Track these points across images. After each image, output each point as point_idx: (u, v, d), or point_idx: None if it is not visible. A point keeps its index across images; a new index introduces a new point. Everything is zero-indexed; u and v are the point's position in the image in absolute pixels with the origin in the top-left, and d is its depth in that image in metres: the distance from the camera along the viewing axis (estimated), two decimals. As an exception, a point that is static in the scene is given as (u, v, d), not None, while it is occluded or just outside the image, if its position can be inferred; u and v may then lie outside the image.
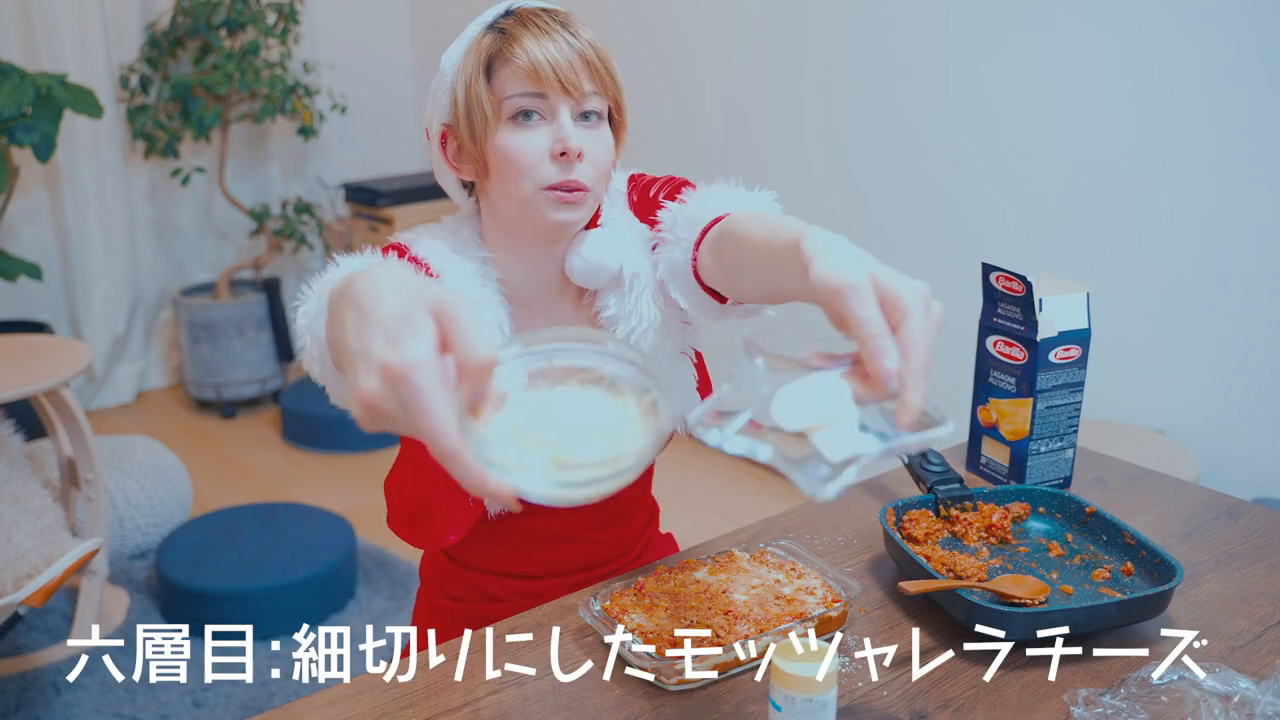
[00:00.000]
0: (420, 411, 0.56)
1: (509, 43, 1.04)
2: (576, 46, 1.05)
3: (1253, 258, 2.20)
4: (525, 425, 0.62)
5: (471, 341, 0.59)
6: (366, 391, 0.58)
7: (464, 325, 0.59)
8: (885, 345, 0.67)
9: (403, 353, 0.57)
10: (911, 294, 0.70)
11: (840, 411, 0.68)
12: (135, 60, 3.70)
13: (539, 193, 1.06)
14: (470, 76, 1.06)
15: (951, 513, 1.19)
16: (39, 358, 2.33)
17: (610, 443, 0.62)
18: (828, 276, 0.71)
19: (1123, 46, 2.32)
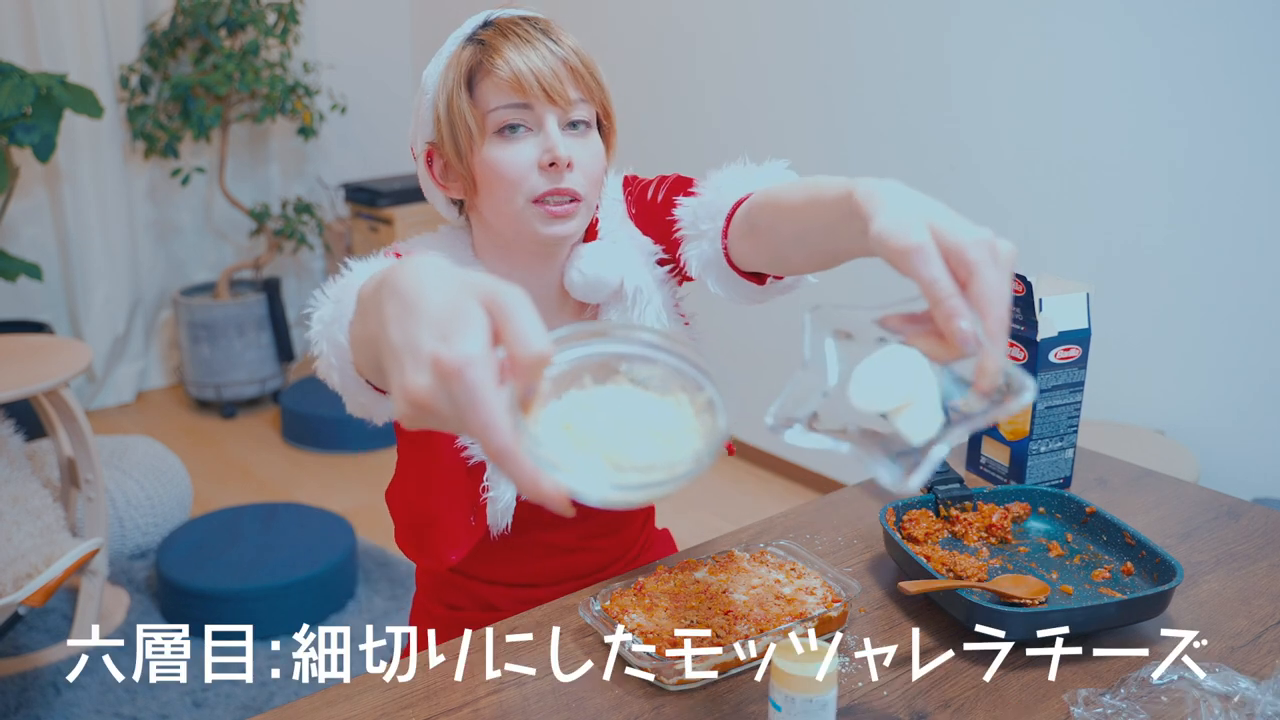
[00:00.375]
0: (475, 409, 0.53)
1: (489, 54, 1.02)
2: (559, 54, 1.03)
3: (1253, 258, 2.20)
4: (577, 423, 0.60)
5: (527, 335, 0.55)
6: (416, 388, 0.55)
7: (519, 318, 0.55)
8: (956, 306, 0.64)
9: (456, 348, 0.54)
10: (976, 246, 0.65)
11: (920, 388, 0.65)
12: (135, 60, 3.70)
13: (528, 206, 1.04)
14: (451, 91, 1.03)
15: (951, 513, 1.19)
16: (39, 358, 2.33)
17: (666, 445, 0.60)
18: (888, 236, 0.67)
19: (1123, 47, 2.32)
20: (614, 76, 1.10)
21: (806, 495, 3.13)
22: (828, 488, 3.07)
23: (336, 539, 2.58)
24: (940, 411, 0.65)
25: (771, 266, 0.99)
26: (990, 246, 0.66)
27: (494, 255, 1.11)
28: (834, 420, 0.68)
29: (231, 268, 3.88)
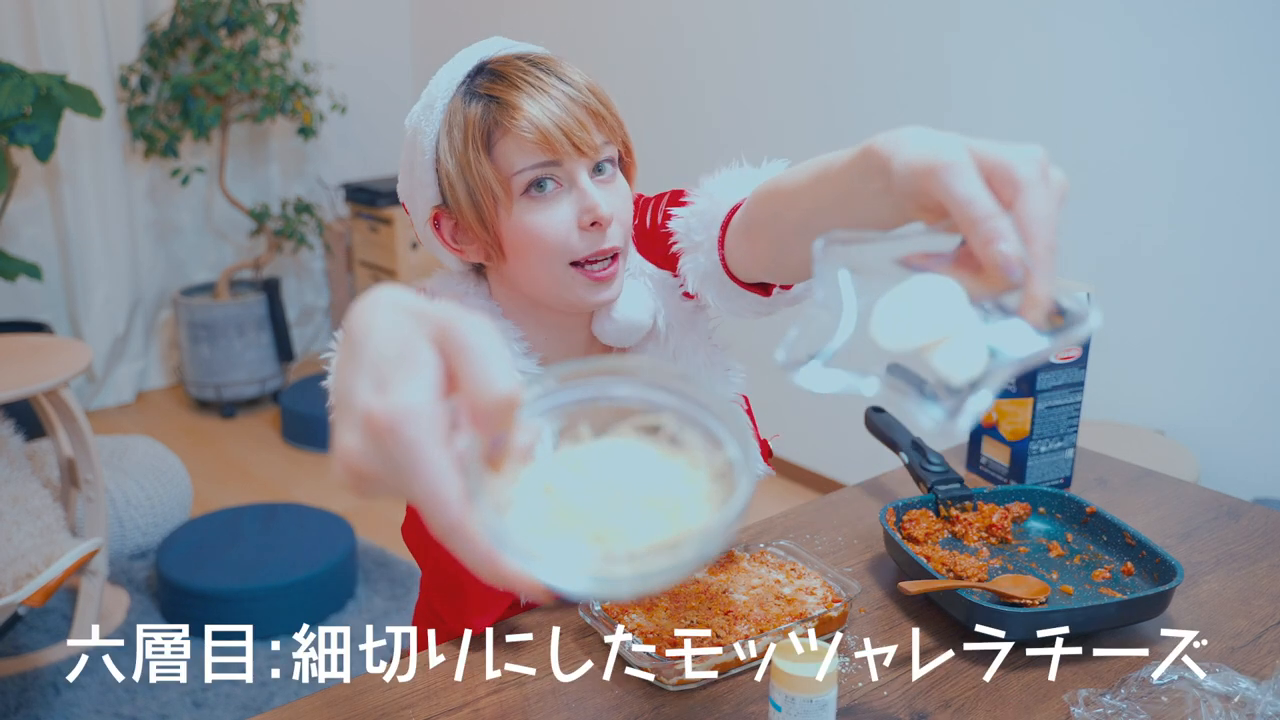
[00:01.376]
0: (413, 473, 0.44)
1: (505, 111, 0.93)
2: (579, 98, 0.95)
3: (1253, 258, 2.20)
4: (561, 485, 0.48)
5: (488, 374, 0.45)
6: (345, 449, 0.45)
7: (477, 354, 0.45)
8: (998, 226, 0.54)
9: (391, 398, 0.44)
10: (1025, 162, 0.57)
11: (957, 319, 0.54)
12: (135, 60, 3.70)
13: (568, 271, 0.97)
14: (465, 155, 0.94)
15: (951, 513, 1.19)
16: (39, 358, 2.33)
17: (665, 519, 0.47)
18: (916, 159, 0.57)
19: (1123, 47, 2.32)
20: (614, 77, 1.10)
21: (806, 495, 3.12)
22: (828, 488, 3.07)
23: (336, 539, 2.58)
24: (983, 346, 0.53)
25: (772, 270, 0.89)
26: (1041, 165, 0.57)
27: (516, 306, 1.04)
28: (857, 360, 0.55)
29: (231, 268, 3.88)
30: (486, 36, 1.04)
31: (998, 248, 0.54)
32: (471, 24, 3.97)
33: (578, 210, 0.96)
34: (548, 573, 0.45)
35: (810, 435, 3.15)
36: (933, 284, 0.55)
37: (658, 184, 1.17)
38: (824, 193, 0.74)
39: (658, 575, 0.45)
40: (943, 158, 0.56)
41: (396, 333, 0.46)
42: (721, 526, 0.46)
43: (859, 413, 1.42)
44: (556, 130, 0.92)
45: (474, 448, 0.46)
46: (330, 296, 4.37)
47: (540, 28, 3.63)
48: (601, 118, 0.97)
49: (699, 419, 0.50)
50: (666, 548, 0.45)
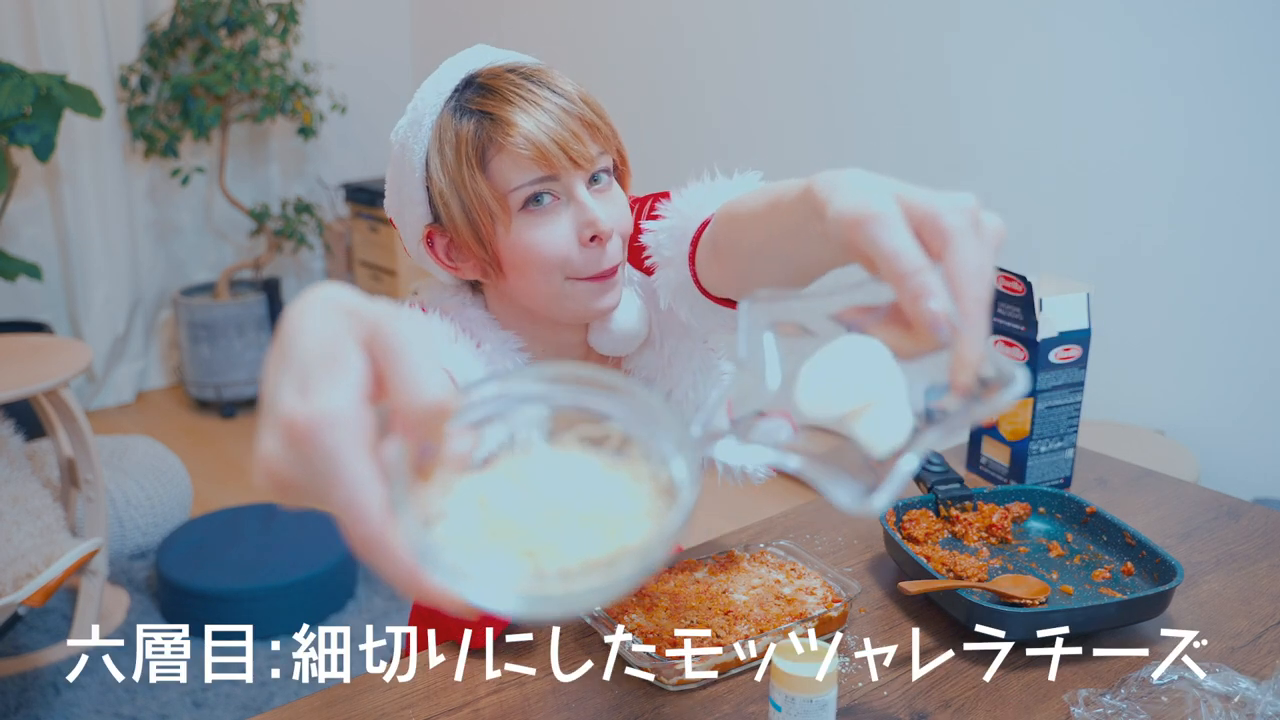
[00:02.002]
0: (332, 481, 0.41)
1: (499, 128, 0.91)
2: (572, 109, 0.93)
3: (1253, 258, 2.20)
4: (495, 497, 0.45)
5: (416, 380, 0.43)
6: (263, 455, 0.43)
7: (406, 358, 0.43)
8: (925, 281, 0.51)
9: (312, 401, 0.42)
10: (953, 211, 0.53)
11: (883, 386, 0.52)
12: (135, 60, 3.70)
13: (568, 284, 0.96)
14: (459, 173, 0.93)
15: (951, 513, 1.19)
16: (39, 358, 2.33)
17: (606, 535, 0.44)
18: (845, 209, 0.55)
19: (1123, 47, 2.32)
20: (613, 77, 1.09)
21: (806, 495, 3.12)
22: (828, 488, 3.07)
23: (336, 539, 2.58)
24: (909, 413, 0.51)
25: (740, 289, 0.86)
26: (972, 214, 0.54)
27: (512, 317, 1.03)
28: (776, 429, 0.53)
29: (231, 268, 3.88)
30: (486, 37, 1.03)
31: (924, 304, 0.51)
32: (471, 24, 3.97)
33: (577, 225, 0.94)
34: (474, 591, 0.42)
35: (810, 435, 3.14)
36: (860, 346, 0.53)
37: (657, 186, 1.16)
38: (775, 223, 0.71)
39: (591, 594, 0.43)
40: (870, 209, 0.54)
41: (325, 332, 0.44)
42: (659, 543, 0.44)
43: (859, 413, 1.42)
44: (552, 144, 0.91)
45: (402, 456, 0.43)
46: (330, 296, 4.37)
47: (540, 28, 3.63)
48: (596, 128, 0.95)
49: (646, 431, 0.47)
50: (601, 565, 0.42)
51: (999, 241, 0.55)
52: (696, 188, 0.94)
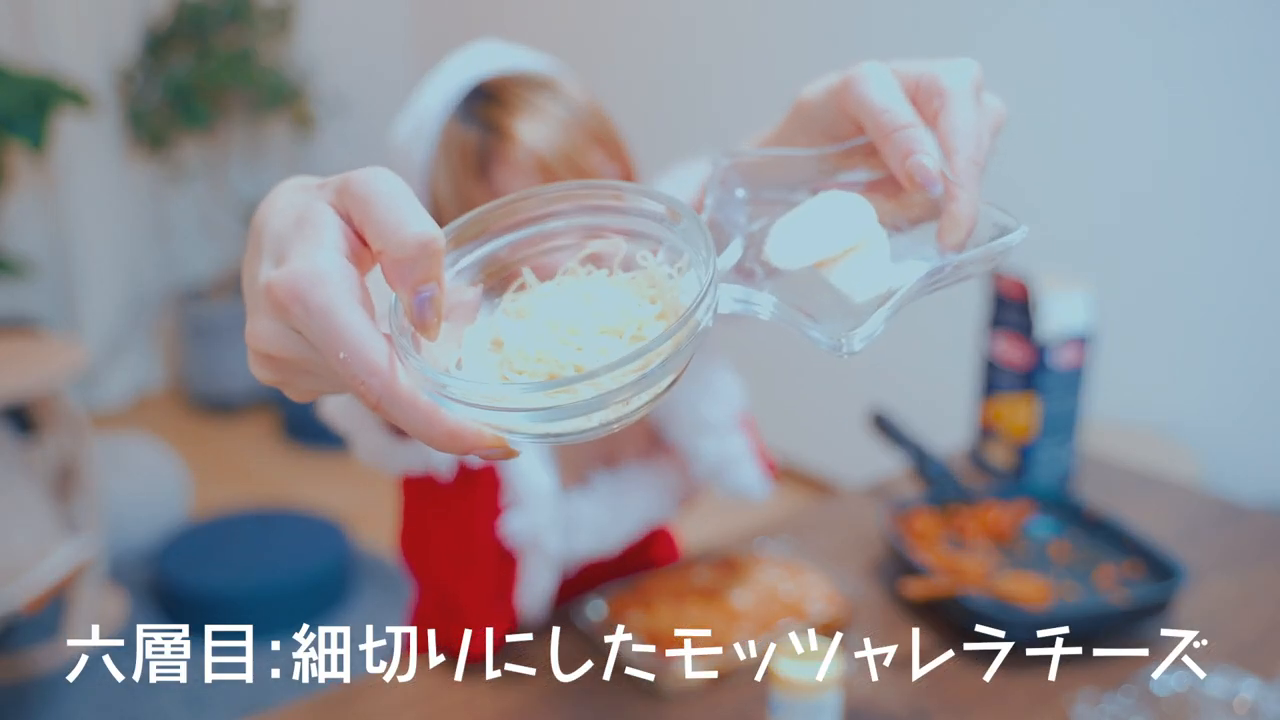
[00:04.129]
0: (329, 340, 0.38)
1: (502, 140, 0.90)
2: (578, 121, 0.91)
3: (1254, 258, 2.20)
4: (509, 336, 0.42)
5: (398, 218, 0.39)
6: (253, 334, 0.41)
7: (384, 199, 0.40)
8: (915, 135, 0.48)
9: (291, 264, 0.39)
10: (954, 73, 0.51)
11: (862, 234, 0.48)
12: (134, 60, 3.70)
13: None
14: (462, 183, 0.91)
15: (952, 513, 1.19)
16: (37, 358, 2.33)
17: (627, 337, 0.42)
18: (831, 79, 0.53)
19: (1124, 46, 2.32)
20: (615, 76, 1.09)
21: (807, 495, 3.12)
22: (828, 488, 3.07)
23: (336, 539, 2.58)
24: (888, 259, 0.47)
25: None
26: (974, 79, 0.53)
27: None
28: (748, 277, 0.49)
29: (232, 268, 3.88)
30: (486, 36, 1.02)
31: (914, 159, 0.48)
32: (471, 24, 3.97)
33: None
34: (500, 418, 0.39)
35: (811, 435, 3.14)
36: (838, 201, 0.49)
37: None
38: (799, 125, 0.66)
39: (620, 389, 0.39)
40: (860, 69, 0.51)
41: (293, 205, 0.42)
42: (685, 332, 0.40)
43: (860, 413, 1.42)
44: (555, 157, 0.89)
45: (398, 309, 0.40)
46: (330, 296, 4.38)
47: (540, 28, 3.63)
48: (602, 140, 0.94)
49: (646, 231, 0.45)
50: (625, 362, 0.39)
51: (998, 121, 0.53)
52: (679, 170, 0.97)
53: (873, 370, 2.96)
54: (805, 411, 3.16)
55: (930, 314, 2.78)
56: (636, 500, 1.07)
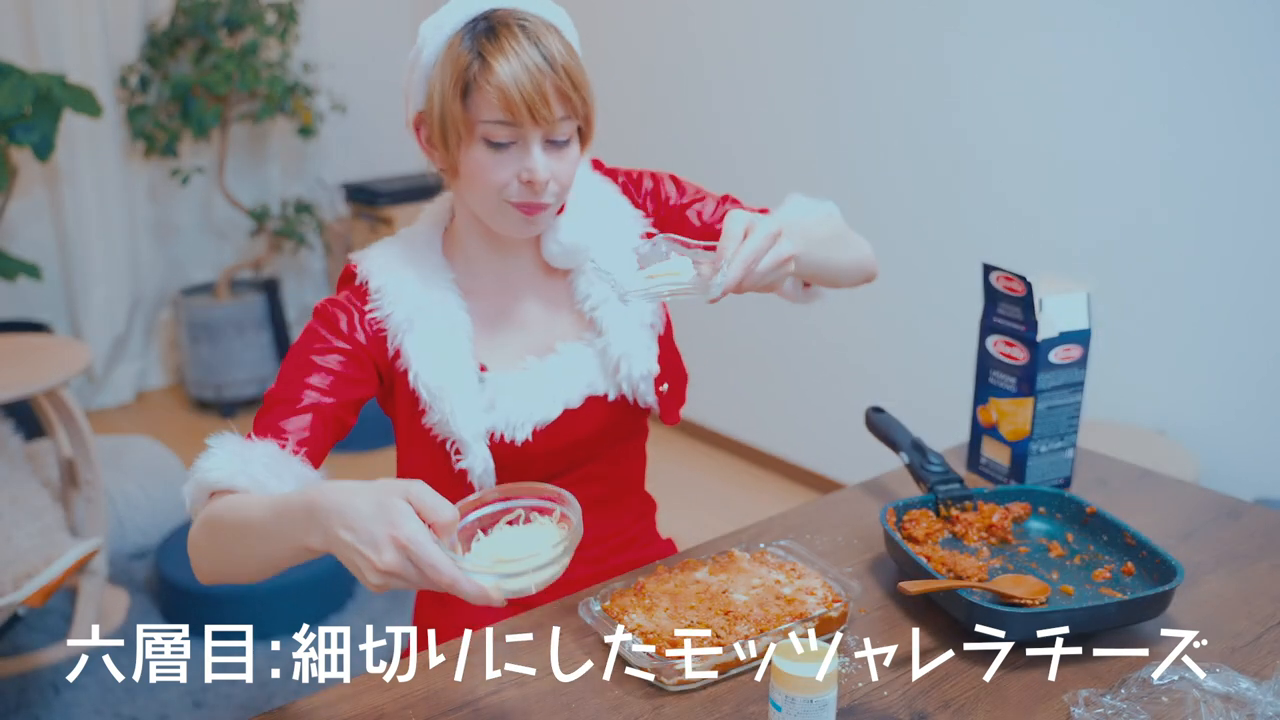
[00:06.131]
0: (429, 566, 0.79)
1: (484, 70, 1.05)
2: (550, 73, 1.06)
3: (1253, 258, 2.20)
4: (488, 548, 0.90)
5: (438, 510, 0.82)
6: (388, 564, 0.79)
7: (429, 500, 0.82)
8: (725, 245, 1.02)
9: (404, 529, 0.79)
10: (763, 224, 1.03)
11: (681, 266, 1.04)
12: (135, 60, 3.70)
13: (502, 204, 1.10)
14: (446, 94, 1.07)
15: (952, 513, 1.19)
16: (39, 358, 2.33)
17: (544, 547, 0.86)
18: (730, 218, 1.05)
19: (1123, 45, 2.32)
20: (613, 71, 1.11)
21: (806, 495, 3.13)
22: (828, 488, 3.07)
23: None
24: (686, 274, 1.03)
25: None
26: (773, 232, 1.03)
27: (475, 227, 1.18)
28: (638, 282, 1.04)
29: (231, 268, 3.88)
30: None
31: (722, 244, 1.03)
32: (471, 24, 3.96)
33: (520, 168, 1.08)
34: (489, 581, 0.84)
35: (810, 435, 3.15)
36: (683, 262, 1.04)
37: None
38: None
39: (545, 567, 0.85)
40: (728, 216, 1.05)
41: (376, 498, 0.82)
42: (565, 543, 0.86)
43: (859, 413, 1.42)
44: (520, 99, 1.04)
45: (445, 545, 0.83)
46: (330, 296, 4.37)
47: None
48: (567, 96, 1.07)
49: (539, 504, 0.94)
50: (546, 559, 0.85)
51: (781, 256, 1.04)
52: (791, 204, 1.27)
53: (872, 371, 2.96)
54: (805, 411, 3.16)
55: (930, 314, 2.79)
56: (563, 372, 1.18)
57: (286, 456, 1.05)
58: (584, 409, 1.17)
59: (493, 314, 1.19)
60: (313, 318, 1.14)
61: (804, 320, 3.11)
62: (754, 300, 3.24)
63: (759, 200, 1.38)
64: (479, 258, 1.19)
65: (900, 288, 2.83)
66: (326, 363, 1.10)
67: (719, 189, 1.33)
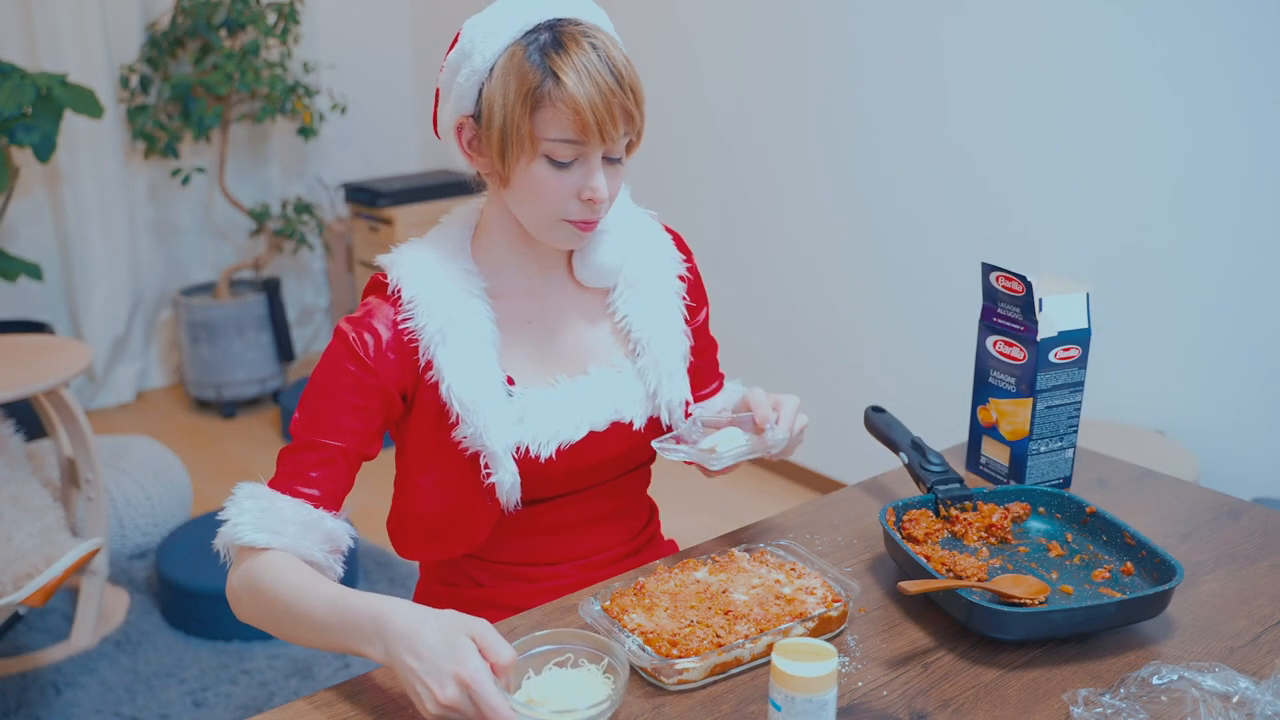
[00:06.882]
0: (489, 707, 0.84)
1: (559, 89, 1.03)
2: (619, 95, 1.05)
3: (1253, 258, 2.20)
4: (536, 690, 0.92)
5: (499, 651, 0.87)
6: (449, 699, 0.85)
7: (492, 640, 0.87)
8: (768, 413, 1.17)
9: (467, 667, 0.85)
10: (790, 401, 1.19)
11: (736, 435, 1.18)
12: (135, 60, 3.70)
13: (557, 221, 1.10)
14: (511, 103, 1.04)
15: (951, 513, 1.19)
16: (39, 358, 2.33)
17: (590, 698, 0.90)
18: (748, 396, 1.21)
19: (1123, 46, 2.32)
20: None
21: (806, 495, 3.13)
22: (828, 488, 3.08)
23: (336, 539, 2.58)
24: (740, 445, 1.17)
25: None
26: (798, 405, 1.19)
27: (509, 232, 1.16)
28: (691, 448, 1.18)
29: (231, 268, 3.88)
30: None
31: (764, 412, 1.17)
32: (471, 24, 3.97)
33: (581, 186, 1.08)
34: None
35: (810, 435, 3.14)
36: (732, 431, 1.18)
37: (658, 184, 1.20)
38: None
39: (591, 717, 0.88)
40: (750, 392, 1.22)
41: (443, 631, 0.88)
42: (613, 696, 0.89)
43: (859, 413, 1.42)
44: (593, 121, 1.03)
45: (502, 685, 0.87)
46: (330, 296, 4.37)
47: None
48: (631, 115, 1.07)
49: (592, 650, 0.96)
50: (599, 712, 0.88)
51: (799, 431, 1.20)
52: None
53: (872, 371, 2.96)
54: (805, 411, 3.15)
55: (929, 314, 2.79)
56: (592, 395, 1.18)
57: (319, 518, 1.08)
58: (608, 433, 1.18)
59: (519, 320, 1.18)
60: (335, 341, 1.11)
61: (804, 320, 3.11)
62: (754, 300, 3.24)
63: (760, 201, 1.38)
64: (510, 263, 1.18)
65: (900, 288, 2.84)
66: (354, 400, 1.09)
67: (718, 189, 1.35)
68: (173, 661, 2.31)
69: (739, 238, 3.18)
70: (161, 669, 2.28)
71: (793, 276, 3.11)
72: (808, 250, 3.05)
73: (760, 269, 3.16)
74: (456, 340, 1.10)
